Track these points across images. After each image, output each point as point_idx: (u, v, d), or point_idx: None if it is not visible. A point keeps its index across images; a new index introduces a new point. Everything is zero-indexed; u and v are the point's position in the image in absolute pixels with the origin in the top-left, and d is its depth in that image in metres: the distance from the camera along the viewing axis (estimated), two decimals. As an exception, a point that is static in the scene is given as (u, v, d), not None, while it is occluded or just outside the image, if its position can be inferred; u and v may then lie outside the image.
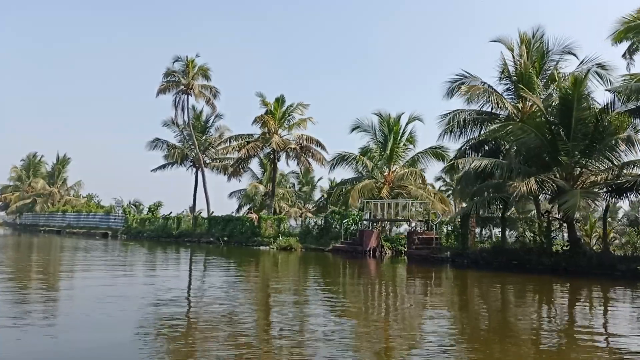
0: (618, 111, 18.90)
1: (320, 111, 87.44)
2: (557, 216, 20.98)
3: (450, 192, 48.80)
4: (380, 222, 29.37)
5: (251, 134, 38.48)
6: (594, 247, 21.35)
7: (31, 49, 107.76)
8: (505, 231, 22.43)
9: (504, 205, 20.21)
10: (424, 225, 27.10)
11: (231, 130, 44.34)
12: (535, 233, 20.89)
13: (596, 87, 20.88)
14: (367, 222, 28.81)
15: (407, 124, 32.72)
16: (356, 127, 33.07)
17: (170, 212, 45.46)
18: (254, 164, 45.90)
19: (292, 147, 36.48)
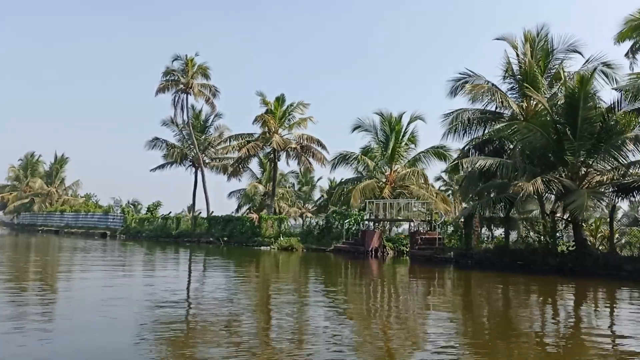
0: (625, 110, 18.70)
1: (320, 111, 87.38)
2: (562, 216, 20.76)
3: (449, 192, 48.60)
4: (383, 222, 29.13)
5: (251, 134, 38.24)
6: (599, 248, 21.12)
7: (31, 49, 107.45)
8: (509, 231, 22.19)
9: (509, 206, 19.97)
10: (426, 225, 26.88)
11: (231, 129, 44.15)
12: (540, 233, 20.66)
13: (602, 86, 20.65)
14: (369, 222, 28.58)
15: (408, 123, 32.52)
16: (357, 127, 32.81)
17: (170, 212, 45.23)
18: (254, 164, 45.65)
19: (292, 146, 36.20)
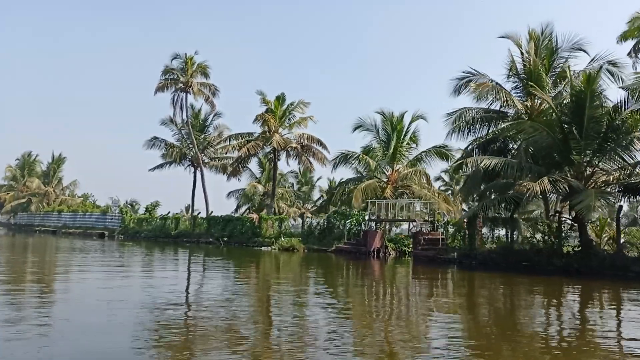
0: (631, 109, 18.48)
1: (319, 110, 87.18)
2: (567, 216, 20.54)
3: (449, 192, 48.42)
4: (385, 222, 28.88)
5: (251, 133, 37.92)
6: (604, 248, 20.90)
7: (31, 49, 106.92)
8: (513, 232, 21.96)
9: (515, 206, 19.73)
10: (429, 225, 26.65)
11: (230, 129, 43.88)
12: (545, 234, 20.44)
13: (607, 85, 20.47)
14: (371, 223, 28.33)
15: (410, 122, 32.34)
16: (359, 126, 32.57)
17: (168, 212, 44.88)
18: (253, 164, 45.32)
19: (293, 146, 35.90)
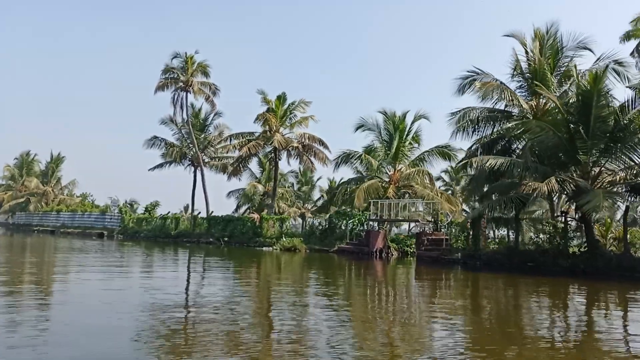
0: (639, 109, 18.29)
1: (320, 110, 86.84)
2: (573, 217, 20.38)
3: (449, 192, 48.24)
4: (387, 222, 28.69)
5: (252, 132, 37.67)
6: (610, 249, 20.75)
7: (31, 49, 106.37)
8: (518, 232, 21.77)
9: (521, 206, 19.54)
10: (432, 225, 26.46)
11: (230, 129, 43.56)
12: (551, 234, 20.27)
13: (614, 84, 20.28)
14: (374, 223, 28.13)
15: (412, 122, 32.12)
16: (360, 126, 32.36)
17: (168, 212, 44.63)
18: (253, 164, 45.03)
19: (294, 145, 35.66)
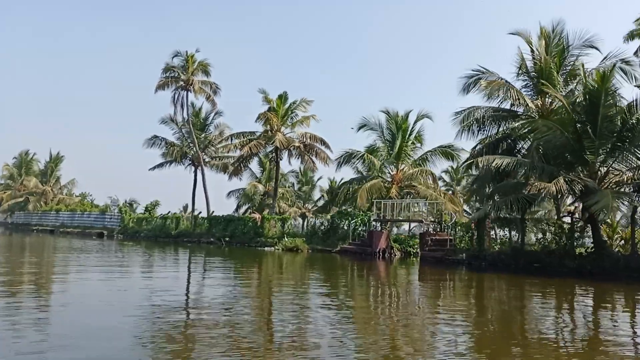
0: (647, 108, 18.11)
1: (320, 110, 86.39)
2: (578, 217, 20.17)
3: (450, 192, 48.05)
4: (390, 222, 28.47)
5: (253, 132, 37.38)
6: (616, 249, 20.56)
7: (31, 49, 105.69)
8: (524, 233, 21.56)
9: (528, 206, 19.32)
10: (436, 226, 26.23)
11: (231, 128, 43.29)
12: (557, 234, 20.06)
13: (621, 84, 20.08)
14: (376, 223, 27.91)
15: (415, 122, 31.89)
16: (363, 125, 32.11)
17: (168, 212, 44.36)
18: (253, 163, 44.82)
19: (295, 145, 35.40)
